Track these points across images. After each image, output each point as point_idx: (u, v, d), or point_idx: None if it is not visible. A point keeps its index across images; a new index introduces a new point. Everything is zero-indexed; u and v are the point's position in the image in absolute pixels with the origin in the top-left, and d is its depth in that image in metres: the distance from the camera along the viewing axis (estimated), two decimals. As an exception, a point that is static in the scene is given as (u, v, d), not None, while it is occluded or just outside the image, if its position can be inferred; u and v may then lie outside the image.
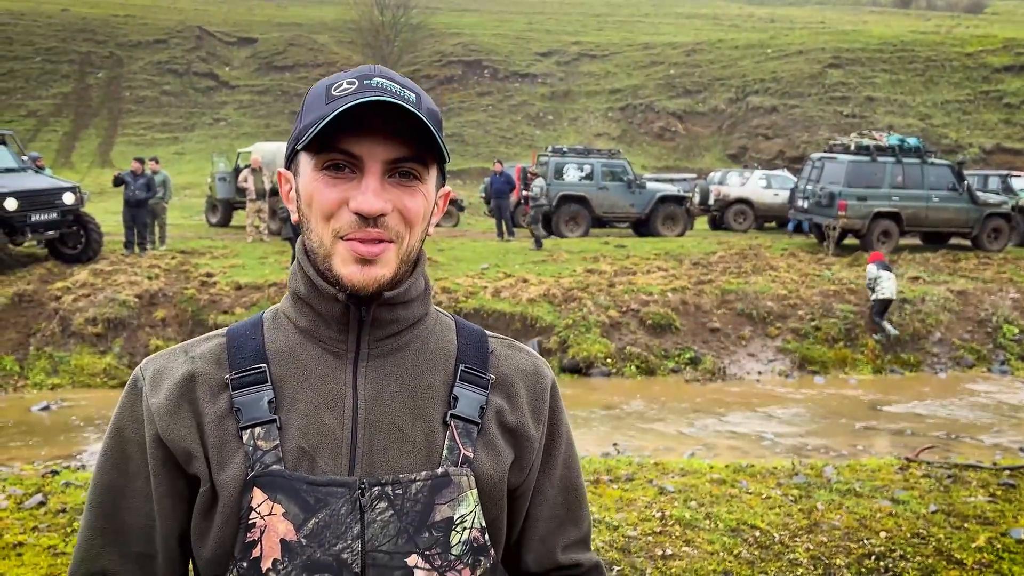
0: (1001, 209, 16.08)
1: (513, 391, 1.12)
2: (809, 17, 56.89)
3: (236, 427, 1.00)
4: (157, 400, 1.02)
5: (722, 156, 36.89)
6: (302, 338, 1.05)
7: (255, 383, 1.01)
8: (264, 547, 0.96)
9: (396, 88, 0.99)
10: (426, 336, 1.10)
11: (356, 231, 0.97)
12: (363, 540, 0.97)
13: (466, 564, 1.02)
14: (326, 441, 1.00)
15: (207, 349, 1.07)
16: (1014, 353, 11.79)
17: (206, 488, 1.00)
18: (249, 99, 41.42)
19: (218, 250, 13.99)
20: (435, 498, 1.00)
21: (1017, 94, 37.87)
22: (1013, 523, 5.08)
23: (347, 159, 0.97)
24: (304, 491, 0.97)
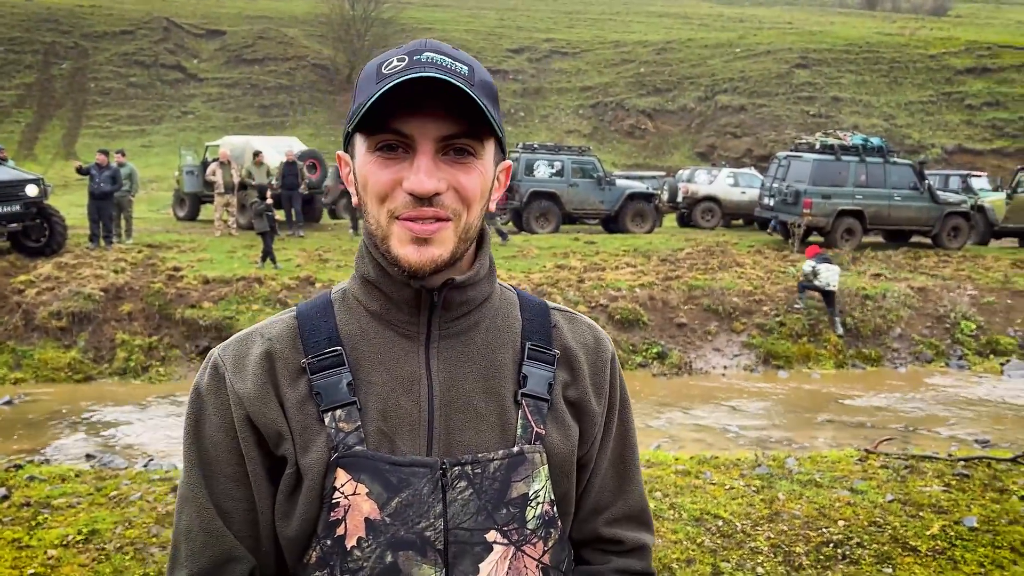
0: (960, 208, 16.43)
1: (576, 364, 1.12)
2: (777, 17, 57.50)
3: (317, 410, 1.01)
4: (244, 385, 1.02)
5: (691, 154, 37.21)
6: (374, 321, 1.06)
7: (333, 366, 1.02)
8: (348, 525, 0.98)
9: (447, 62, 0.96)
10: (493, 314, 1.10)
11: (410, 210, 0.96)
12: (446, 518, 0.98)
13: (540, 537, 1.04)
14: (404, 423, 1.01)
15: (281, 331, 1.06)
16: (971, 348, 12.08)
17: (292, 471, 1.01)
18: (217, 92, 40.98)
19: (185, 244, 13.88)
20: (511, 476, 1.02)
21: (978, 96, 38.65)
22: (966, 511, 5.23)
23: (399, 139, 0.96)
24: (387, 471, 0.98)
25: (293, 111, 40.51)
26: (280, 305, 10.83)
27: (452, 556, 0.99)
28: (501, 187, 1.08)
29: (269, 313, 10.61)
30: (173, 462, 6.76)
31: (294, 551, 1.03)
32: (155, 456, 6.98)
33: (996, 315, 12.82)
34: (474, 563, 1.00)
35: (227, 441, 1.03)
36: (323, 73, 43.17)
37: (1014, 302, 13.17)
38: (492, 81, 1.02)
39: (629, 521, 1.20)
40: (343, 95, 42.66)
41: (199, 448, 1.04)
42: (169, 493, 5.36)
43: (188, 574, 1.03)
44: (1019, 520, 5.11)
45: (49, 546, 4.38)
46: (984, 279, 13.90)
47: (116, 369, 9.94)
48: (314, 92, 41.79)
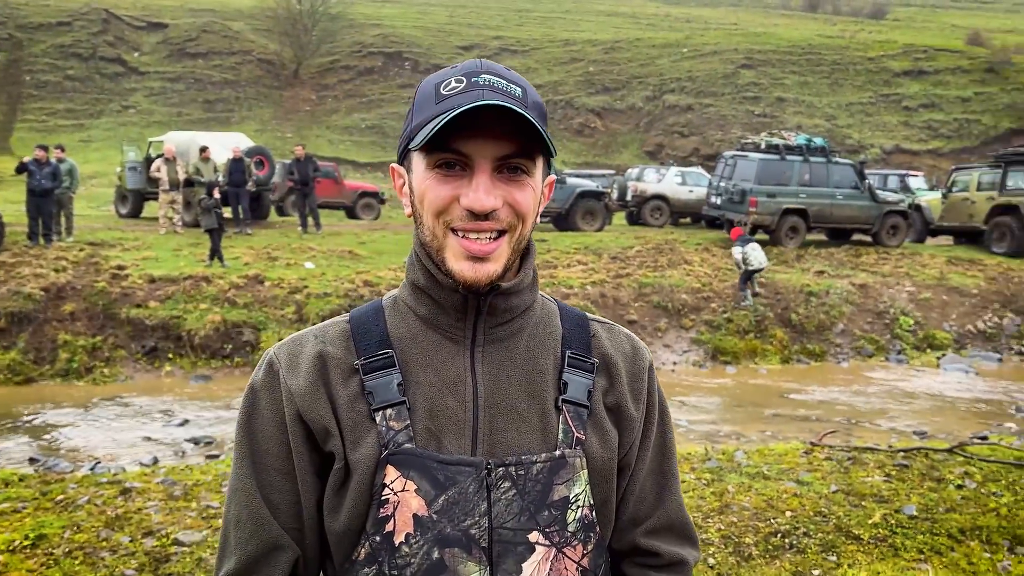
0: (899, 207, 16.93)
1: (614, 371, 1.16)
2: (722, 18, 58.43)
3: (368, 408, 1.04)
4: (296, 382, 1.06)
5: (639, 153, 37.64)
6: (422, 325, 1.09)
7: (384, 367, 1.06)
8: (397, 522, 1.01)
9: (503, 84, 1.02)
10: (536, 322, 1.13)
11: (467, 223, 1.00)
12: (490, 517, 1.02)
13: (580, 540, 1.07)
14: (450, 423, 1.05)
15: (335, 334, 1.11)
16: (909, 343, 12.48)
17: (340, 466, 1.04)
18: (160, 86, 40.11)
19: (129, 242, 13.57)
20: (553, 478, 1.05)
21: (915, 98, 39.83)
22: (906, 500, 5.42)
23: (458, 158, 1.00)
24: (435, 469, 1.01)
25: (239, 106, 39.85)
26: (228, 304, 10.68)
27: (496, 555, 1.02)
28: (546, 199, 1.13)
29: (218, 312, 10.47)
30: (121, 464, 6.63)
31: (342, 547, 1.06)
32: (102, 459, 6.83)
33: (933, 311, 13.26)
34: (517, 563, 1.03)
35: (278, 435, 1.07)
36: (269, 68, 42.56)
37: (949, 298, 13.65)
38: (542, 101, 1.07)
39: (668, 533, 1.21)
40: (290, 90, 42.10)
41: (251, 441, 1.08)
42: (118, 496, 5.27)
43: (237, 560, 1.07)
44: (956, 508, 5.33)
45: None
46: (921, 276, 14.36)
47: (58, 370, 9.69)
48: (260, 87, 41.18)
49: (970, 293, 13.85)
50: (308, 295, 11.05)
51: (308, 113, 40.45)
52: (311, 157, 16.69)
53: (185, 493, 5.40)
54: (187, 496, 5.35)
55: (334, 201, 21.23)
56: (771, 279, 13.29)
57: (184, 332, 10.17)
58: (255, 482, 1.08)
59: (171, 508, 5.12)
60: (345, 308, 10.90)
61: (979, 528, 5.05)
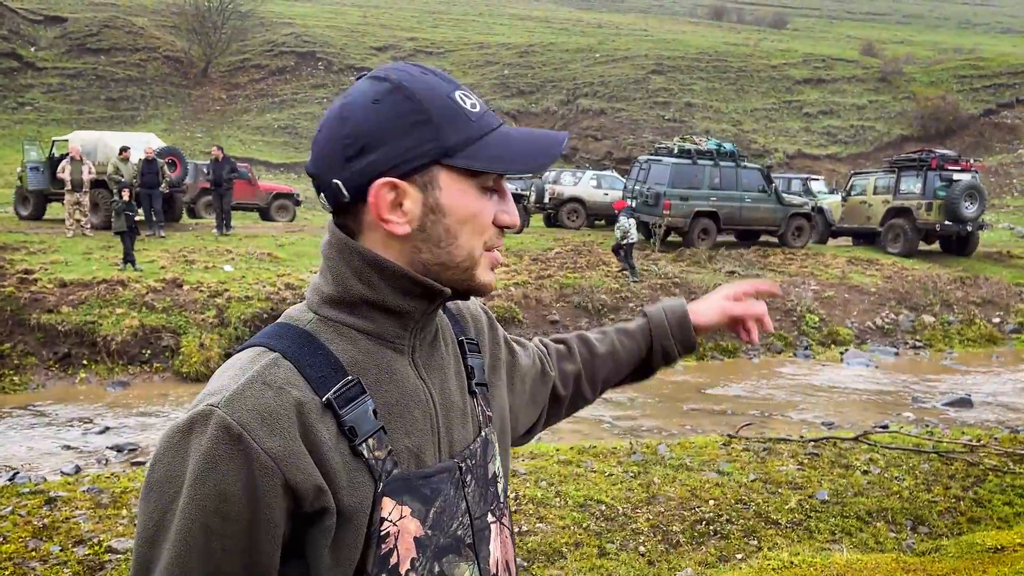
0: (803, 209, 17.73)
1: (480, 326, 1.25)
2: (633, 24, 59.67)
3: (349, 446, 0.95)
4: (274, 444, 0.89)
5: (554, 155, 38.04)
6: (369, 342, 1.02)
7: (356, 396, 0.97)
8: (400, 551, 0.97)
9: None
10: (439, 318, 1.16)
11: (497, 240, 1.06)
12: (469, 513, 1.06)
13: (506, 509, 1.15)
14: (424, 434, 1.04)
15: (286, 374, 0.95)
16: (815, 339, 13.13)
17: (332, 520, 0.93)
18: (59, 83, 38.39)
19: (34, 245, 13.04)
20: (486, 460, 1.11)
21: (814, 104, 41.59)
22: (818, 486, 5.79)
23: (495, 178, 1.04)
24: (421, 485, 1.00)
25: (144, 105, 38.51)
26: (147, 309, 10.41)
27: (477, 546, 1.06)
28: None
29: (135, 317, 10.19)
30: (41, 474, 6.45)
31: None
32: (20, 469, 6.62)
33: (836, 308, 13.98)
34: (486, 546, 1.08)
35: (247, 515, 0.88)
36: (177, 66, 41.28)
37: (851, 296, 14.41)
38: None
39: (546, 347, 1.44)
40: (199, 89, 40.93)
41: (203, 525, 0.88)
42: (43, 506, 5.16)
43: None
44: (863, 492, 5.71)
45: (-83, 566, 4.15)
46: (825, 275, 15.11)
47: (-37, 379, 9.28)
48: (167, 86, 39.90)
49: (869, 291, 14.66)
50: (229, 298, 10.87)
51: (218, 113, 39.42)
52: (228, 158, 16.35)
53: (114, 501, 5.32)
54: (116, 504, 5.27)
55: (248, 202, 20.81)
56: (685, 279, 13.76)
57: (100, 338, 9.87)
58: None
59: (100, 516, 5.04)
60: (268, 311, 10.76)
61: (884, 510, 5.44)
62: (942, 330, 14.09)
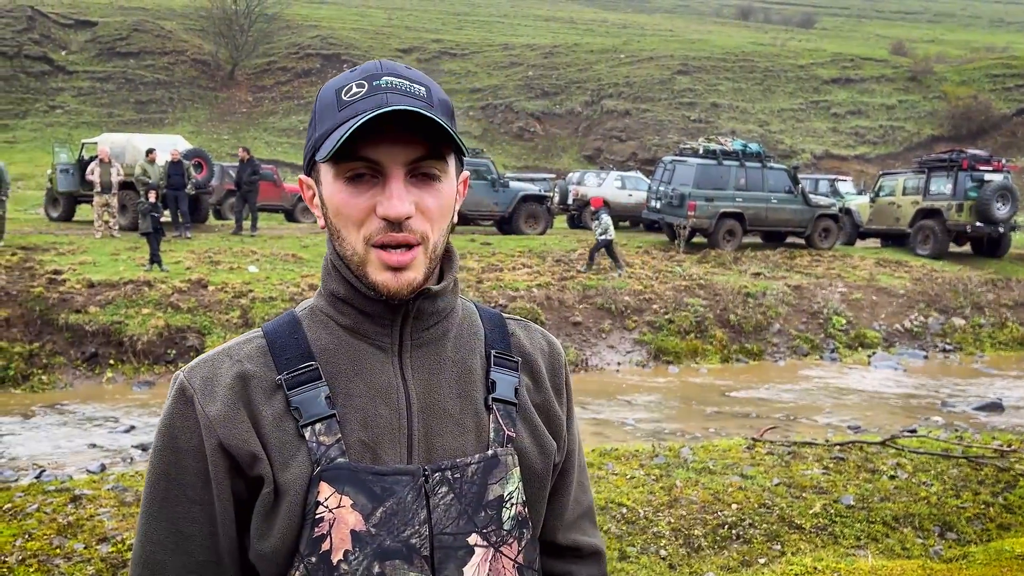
0: (830, 210, 17.53)
1: (536, 369, 1.16)
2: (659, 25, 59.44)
3: (295, 426, 1.00)
4: (214, 408, 1.00)
5: (579, 157, 38.04)
6: (346, 334, 1.06)
7: (309, 380, 1.02)
8: (334, 539, 0.98)
9: (405, 85, 1.00)
10: (459, 322, 1.13)
11: (383, 235, 0.98)
12: (430, 524, 1.00)
13: (515, 537, 1.07)
14: (385, 432, 1.02)
15: (251, 350, 1.05)
16: (842, 342, 12.97)
17: (269, 489, 0.99)
18: (89, 86, 38.98)
19: (64, 246, 13.21)
20: (488, 478, 1.04)
21: (843, 104, 41.18)
22: (843, 491, 5.69)
23: (368, 166, 0.98)
24: (370, 481, 0.99)
25: (172, 107, 38.98)
26: (172, 309, 10.51)
27: (438, 562, 1.01)
28: (461, 196, 1.11)
29: (161, 317, 10.29)
30: (67, 472, 6.52)
31: (271, 571, 1.02)
32: (47, 467, 6.70)
33: (863, 310, 13.80)
34: (458, 567, 1.02)
35: (195, 466, 1.01)
36: (204, 69, 41.75)
37: (879, 298, 14.22)
38: (448, 98, 1.05)
39: (583, 522, 1.24)
40: (226, 91, 41.37)
41: (164, 476, 1.02)
42: (68, 504, 5.20)
43: None
44: (890, 497, 5.61)
45: (-56, 562, 4.20)
46: (852, 277, 14.92)
47: (-7, 378, 9.42)
48: (195, 88, 40.35)
49: (897, 293, 14.45)
50: (253, 299, 10.95)
51: (245, 115, 39.79)
52: (252, 160, 16.48)
53: (137, 499, 5.35)
54: (139, 502, 5.31)
55: (273, 204, 21.00)
56: (709, 281, 13.65)
57: (126, 338, 9.97)
58: (166, 519, 1.02)
59: (124, 514, 5.08)
60: (291, 312, 10.82)
61: (912, 515, 5.34)
62: (973, 333, 13.86)
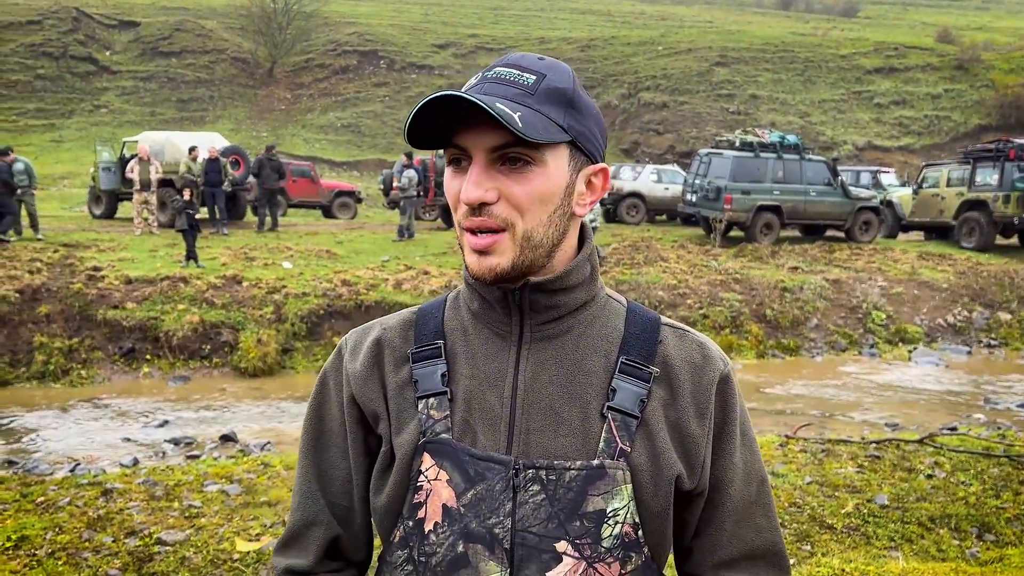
0: (871, 203, 17.17)
1: (676, 383, 1.07)
2: (697, 16, 58.77)
3: (414, 396, 1.07)
4: (354, 366, 1.12)
5: (616, 151, 37.80)
6: (474, 319, 1.10)
7: (432, 357, 1.08)
8: (428, 509, 1.03)
9: (514, 74, 0.99)
10: (590, 321, 1.08)
11: (467, 219, 1.00)
12: (514, 518, 0.99)
13: (616, 558, 1.00)
14: (487, 417, 1.04)
15: (397, 322, 1.15)
16: (882, 337, 12.69)
17: (386, 448, 1.08)
18: (132, 85, 39.70)
19: (104, 243, 13.46)
20: (588, 488, 0.99)
21: (886, 95, 40.32)
22: (877, 490, 5.55)
23: (460, 153, 0.99)
24: (466, 462, 1.02)
25: (213, 105, 39.53)
26: (207, 305, 10.64)
27: (519, 559, 0.99)
28: (597, 191, 1.07)
29: (196, 313, 10.43)
30: (100, 466, 6.62)
31: (383, 527, 1.09)
32: (82, 461, 6.82)
33: (904, 305, 13.49)
34: (541, 571, 0.99)
35: (339, 415, 1.14)
36: (244, 67, 42.27)
37: (920, 292, 13.88)
38: (566, 86, 1.00)
39: (746, 563, 1.11)
40: (264, 89, 41.84)
41: (316, 419, 1.16)
42: (99, 497, 5.27)
43: (288, 526, 1.18)
44: (926, 497, 5.46)
45: (-24, 554, 4.28)
46: (893, 271, 14.59)
47: (34, 373, 9.61)
48: (234, 86, 40.88)
49: (940, 287, 14.10)
50: (287, 295, 11.04)
51: (283, 112, 40.21)
52: (262, 158, 16.51)
53: (167, 493, 5.41)
54: (169, 496, 5.36)
55: (310, 200, 21.18)
56: (745, 275, 13.44)
57: (162, 333, 10.12)
58: (312, 458, 1.15)
59: (153, 508, 5.13)
60: (324, 307, 10.90)
61: (948, 516, 5.18)
62: (1019, 328, 13.47)
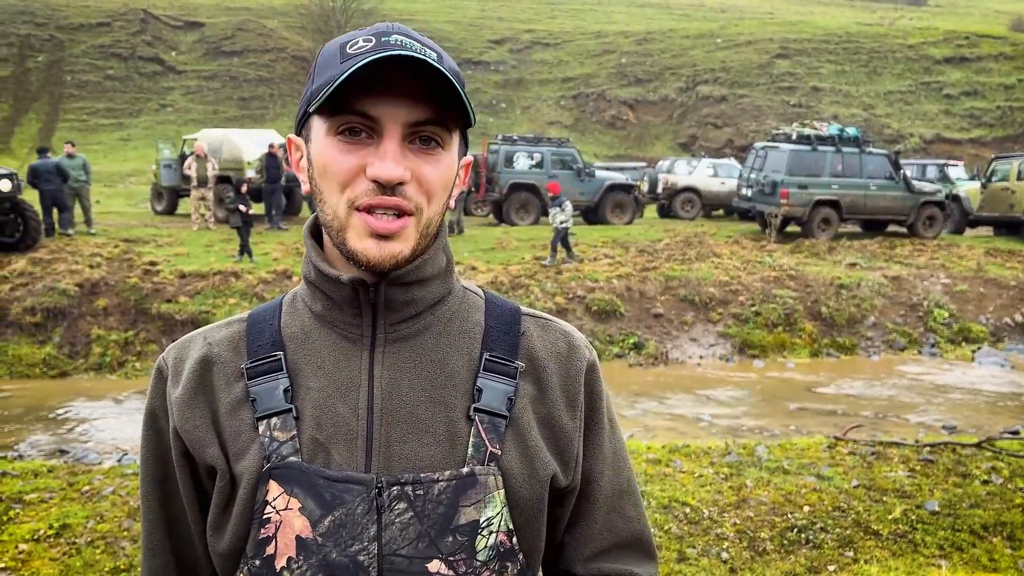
0: (935, 197, 16.56)
1: (544, 376, 1.01)
2: (758, 7, 57.65)
3: (252, 417, 0.94)
4: (176, 391, 0.98)
5: (673, 145, 37.33)
6: (317, 323, 0.99)
7: (271, 371, 0.95)
8: (279, 544, 0.90)
9: (416, 46, 0.90)
10: (449, 317, 1.01)
11: (371, 198, 0.89)
12: (380, 542, 0.89)
13: (492, 570, 0.93)
14: (340, 432, 0.93)
15: (226, 335, 1.01)
16: (943, 336, 12.23)
17: (224, 481, 0.94)
18: (196, 84, 40.69)
19: (162, 238, 13.81)
20: (459, 499, 0.91)
21: (956, 85, 38.95)
22: (928, 496, 5.33)
23: (364, 122, 0.88)
24: (320, 486, 0.90)
25: (272, 103, 40.29)
26: (257, 299, 10.82)
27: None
28: (462, 183, 1.01)
29: (246, 307, 10.61)
30: (147, 456, 6.78)
31: (225, 570, 0.96)
32: (129, 451, 6.98)
33: (969, 303, 12.98)
34: None
35: (172, 446, 0.99)
36: (303, 65, 42.94)
37: (986, 290, 13.35)
38: (459, 69, 0.95)
39: (617, 552, 1.06)
40: (324, 87, 42.47)
41: (152, 459, 1.01)
42: (142, 487, 5.38)
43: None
44: (980, 504, 5.22)
45: (20, 540, 4.39)
46: (958, 267, 14.07)
47: (91, 364, 9.91)
48: (294, 84, 41.57)
49: (1008, 285, 13.53)
50: (335, 290, 11.16)
51: (341, 109, 40.76)
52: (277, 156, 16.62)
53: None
54: (208, 488, 5.46)
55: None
56: (800, 272, 13.11)
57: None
58: (156, 503, 1.02)
59: (192, 499, 5.22)
60: (371, 302, 10.99)
61: (1003, 524, 4.95)
62: (1093, 328, 12.85)
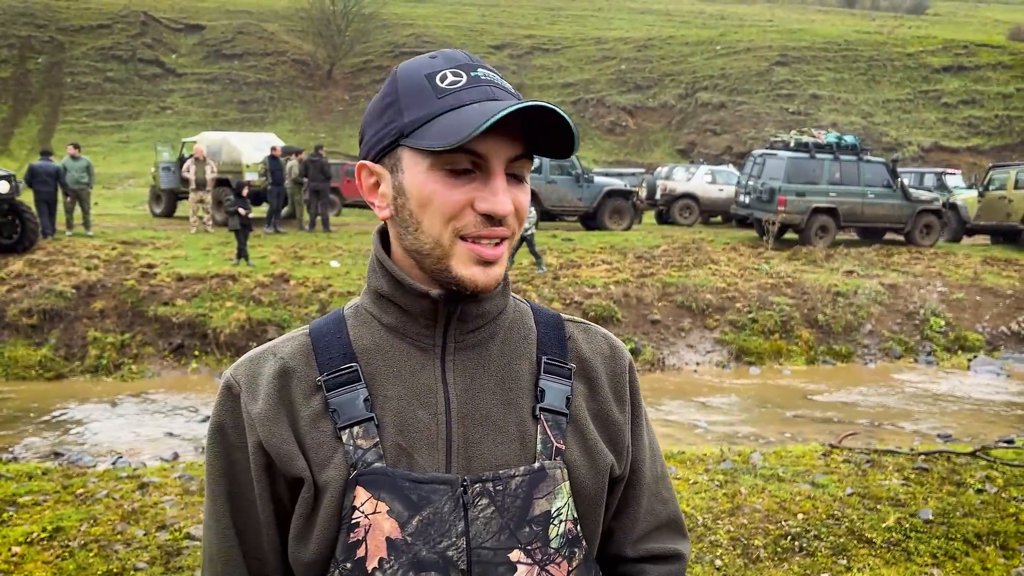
0: (933, 205, 16.60)
1: (594, 375, 1.11)
2: (758, 15, 57.78)
3: (333, 427, 0.99)
4: (257, 407, 1.00)
5: (672, 151, 37.38)
6: (388, 334, 1.04)
7: (349, 382, 1.00)
8: (369, 546, 0.96)
9: (498, 79, 1.00)
10: (509, 325, 1.08)
11: (481, 228, 0.96)
12: (468, 537, 0.96)
13: (564, 557, 1.01)
14: (422, 437, 0.99)
15: (295, 348, 1.04)
16: (940, 344, 12.24)
17: (309, 493, 0.99)
18: (196, 87, 40.73)
19: (160, 241, 13.81)
20: (533, 492, 0.99)
21: (954, 94, 39.04)
22: (922, 504, 5.33)
23: (473, 159, 0.95)
24: (407, 488, 0.96)
25: (273, 107, 40.33)
26: (253, 302, 10.82)
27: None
28: None
29: (243, 310, 10.61)
30: (142, 459, 6.76)
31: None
32: (124, 454, 6.97)
33: (965, 311, 13.01)
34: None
35: (245, 461, 1.01)
36: (303, 68, 43.01)
37: (983, 299, 13.37)
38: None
39: (660, 532, 1.17)
40: (323, 90, 42.48)
41: (222, 476, 1.03)
42: (136, 491, 5.37)
43: None
44: (974, 512, 5.22)
45: (13, 543, 4.39)
46: (954, 276, 14.09)
47: (88, 367, 9.90)
48: (294, 87, 41.62)
49: (1005, 294, 13.56)
50: (332, 293, 11.16)
51: (341, 113, 40.78)
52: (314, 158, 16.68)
53: (201, 488, 5.49)
54: (202, 491, 5.44)
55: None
56: (797, 279, 13.13)
57: (210, 330, 10.32)
58: (230, 521, 1.04)
59: (186, 503, 5.21)
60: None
61: (996, 533, 4.95)
62: (1090, 337, 12.87)
